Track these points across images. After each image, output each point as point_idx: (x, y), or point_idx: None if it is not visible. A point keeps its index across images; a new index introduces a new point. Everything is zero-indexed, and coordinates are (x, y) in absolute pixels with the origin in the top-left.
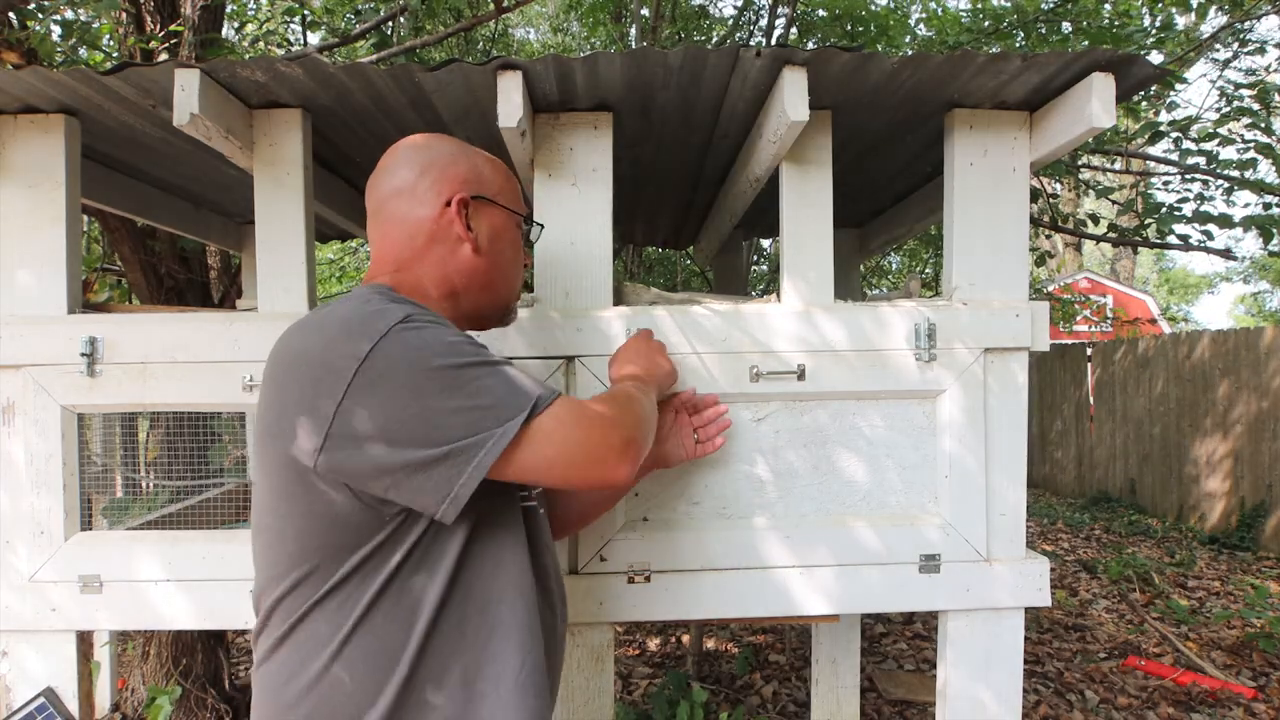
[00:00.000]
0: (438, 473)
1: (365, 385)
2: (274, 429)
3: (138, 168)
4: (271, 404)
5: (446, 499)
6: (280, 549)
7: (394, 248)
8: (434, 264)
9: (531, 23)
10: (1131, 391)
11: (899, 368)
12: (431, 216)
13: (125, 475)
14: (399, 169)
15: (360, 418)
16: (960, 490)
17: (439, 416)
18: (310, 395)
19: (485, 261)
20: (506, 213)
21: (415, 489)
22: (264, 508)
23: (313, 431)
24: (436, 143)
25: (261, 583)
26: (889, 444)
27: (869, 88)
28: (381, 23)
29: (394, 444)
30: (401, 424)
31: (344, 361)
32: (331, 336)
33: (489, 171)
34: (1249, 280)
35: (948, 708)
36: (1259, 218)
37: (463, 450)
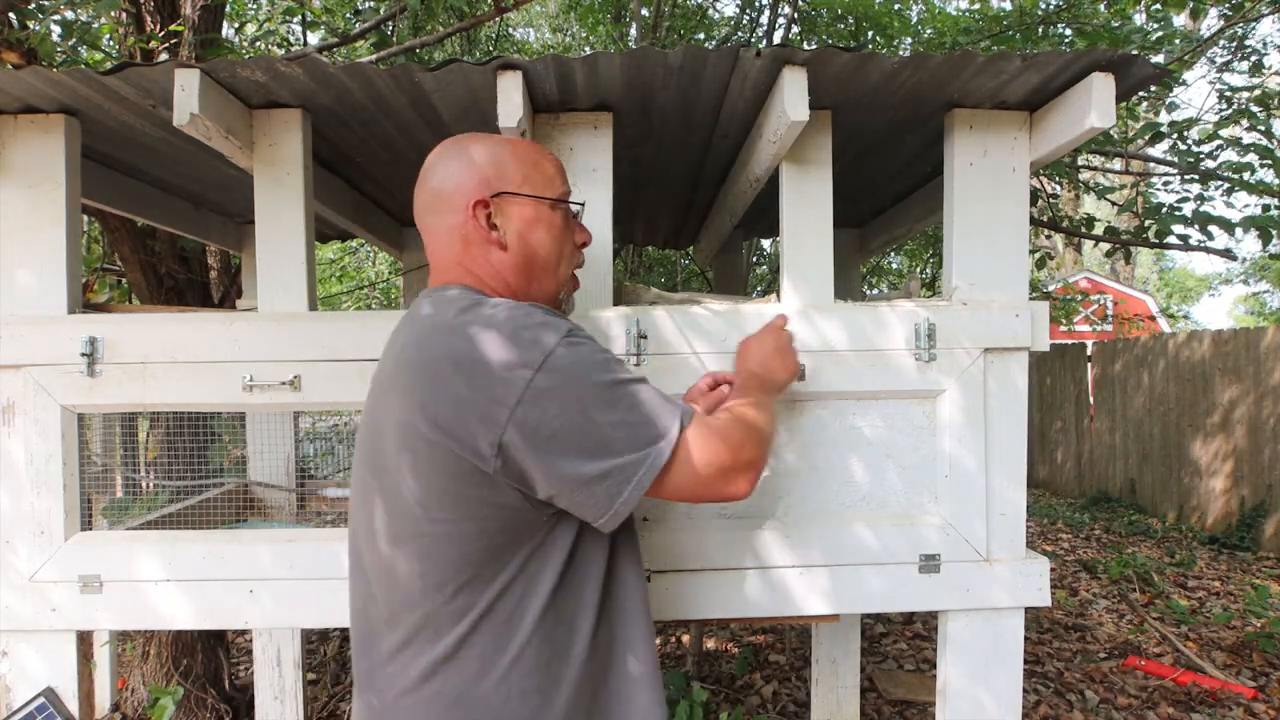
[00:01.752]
0: (601, 488)
1: (537, 395)
2: (439, 431)
3: (138, 168)
4: (431, 406)
5: (608, 514)
6: (438, 556)
7: (442, 252)
8: (479, 263)
9: (531, 23)
10: (1131, 391)
11: (899, 368)
12: (459, 223)
13: (125, 475)
14: (427, 181)
15: (531, 426)
16: (960, 490)
17: (602, 431)
18: (483, 399)
19: (518, 256)
20: (536, 200)
21: (580, 501)
22: (409, 515)
23: (488, 435)
24: (465, 143)
25: (402, 597)
26: (889, 444)
27: (869, 88)
28: (381, 23)
29: (563, 455)
30: (569, 436)
31: (518, 371)
32: (502, 343)
33: (512, 163)
34: (1249, 281)
35: (948, 708)
36: (1258, 219)
37: (625, 467)
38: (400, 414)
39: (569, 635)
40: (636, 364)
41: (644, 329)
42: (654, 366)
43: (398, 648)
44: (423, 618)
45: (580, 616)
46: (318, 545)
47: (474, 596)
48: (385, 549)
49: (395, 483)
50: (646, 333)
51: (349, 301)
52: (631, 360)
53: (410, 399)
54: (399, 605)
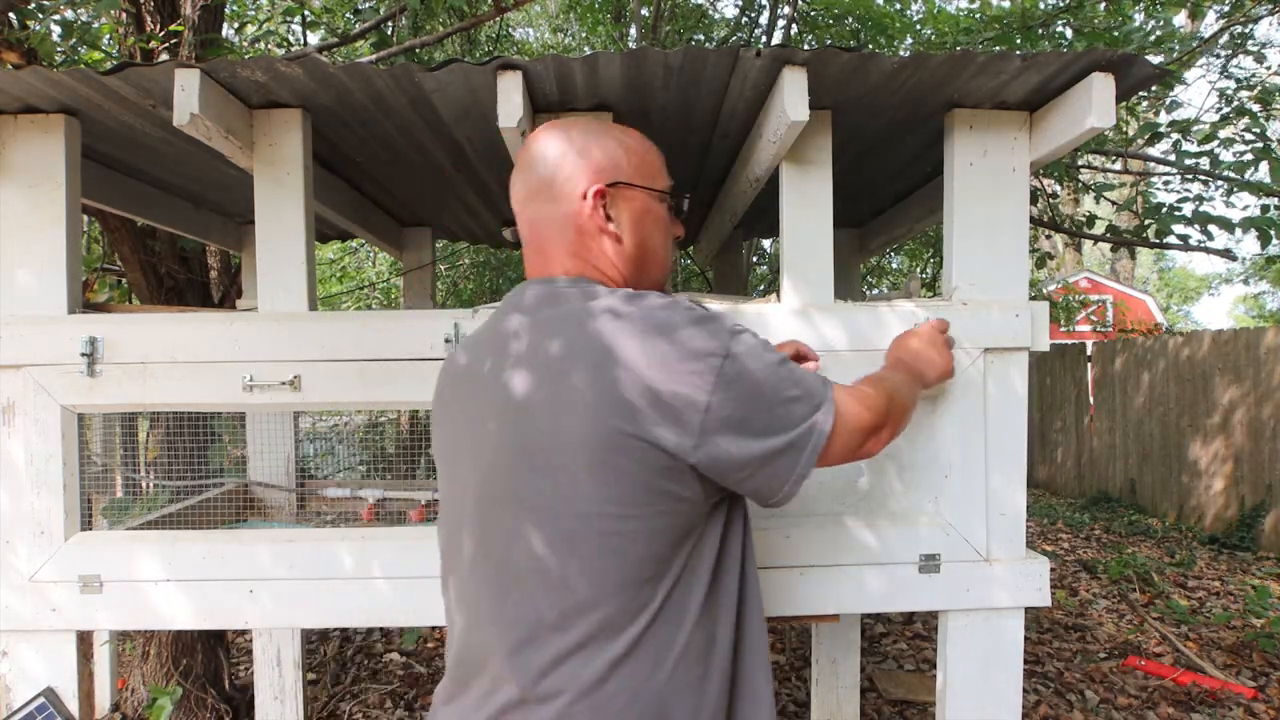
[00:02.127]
0: (784, 461)
1: (728, 382)
2: (637, 425)
3: (138, 168)
4: (625, 402)
5: (788, 483)
6: (629, 554)
7: (553, 243)
8: (594, 253)
9: (531, 23)
10: (1131, 391)
11: None
12: (573, 212)
13: (125, 475)
14: (539, 163)
15: (727, 412)
16: (960, 490)
17: (784, 406)
18: (681, 391)
19: (632, 248)
20: (646, 191)
21: (768, 476)
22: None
23: (689, 426)
24: (573, 129)
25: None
26: (889, 444)
27: (869, 88)
28: (381, 22)
29: (755, 435)
30: (758, 416)
31: (708, 360)
32: (687, 333)
33: (624, 151)
34: (1249, 281)
35: (948, 708)
36: (1258, 219)
37: (802, 436)
38: (585, 413)
39: (717, 624)
40: None
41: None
42: None
43: (569, 651)
44: (603, 617)
45: (724, 605)
46: (318, 545)
47: (653, 591)
48: (562, 553)
49: (578, 485)
50: None
51: (349, 301)
52: None
53: (598, 396)
54: (573, 609)
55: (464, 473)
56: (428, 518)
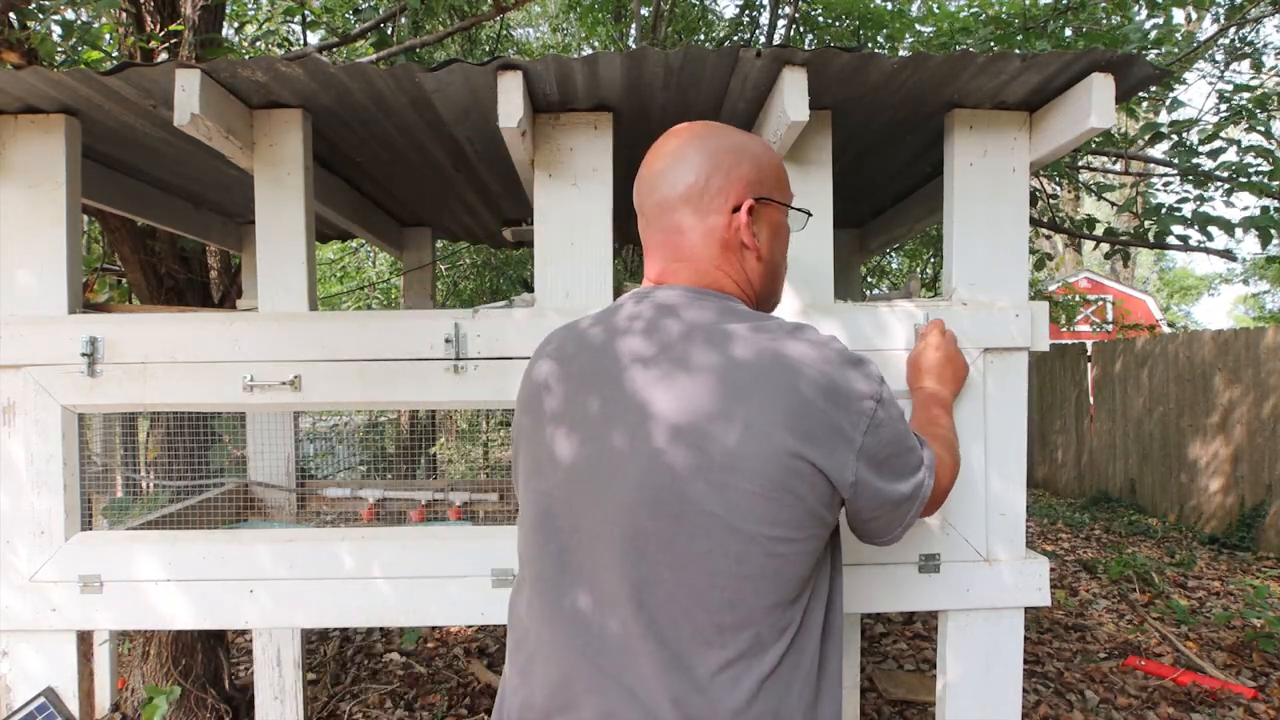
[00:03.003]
0: (905, 506)
1: (879, 424)
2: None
3: (138, 168)
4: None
5: (899, 528)
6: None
7: (692, 253)
8: (732, 269)
9: (531, 23)
10: (1131, 391)
11: (899, 368)
12: (722, 225)
13: (125, 475)
14: (683, 168)
15: (874, 452)
16: (960, 490)
17: (910, 454)
18: (847, 426)
19: (769, 265)
20: (780, 208)
21: (888, 520)
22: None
23: (850, 460)
24: (717, 136)
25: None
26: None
27: (869, 88)
28: (381, 22)
29: (890, 478)
30: (895, 461)
31: (866, 401)
32: (851, 371)
33: (766, 165)
34: (1249, 281)
35: (948, 708)
36: (1258, 219)
37: (919, 486)
38: (761, 435)
39: (827, 646)
40: None
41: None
42: None
43: (721, 667)
44: (754, 636)
45: (833, 627)
46: (318, 545)
47: (795, 612)
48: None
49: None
50: None
51: (349, 301)
52: None
53: (775, 421)
54: (731, 625)
55: (596, 482)
56: (427, 518)
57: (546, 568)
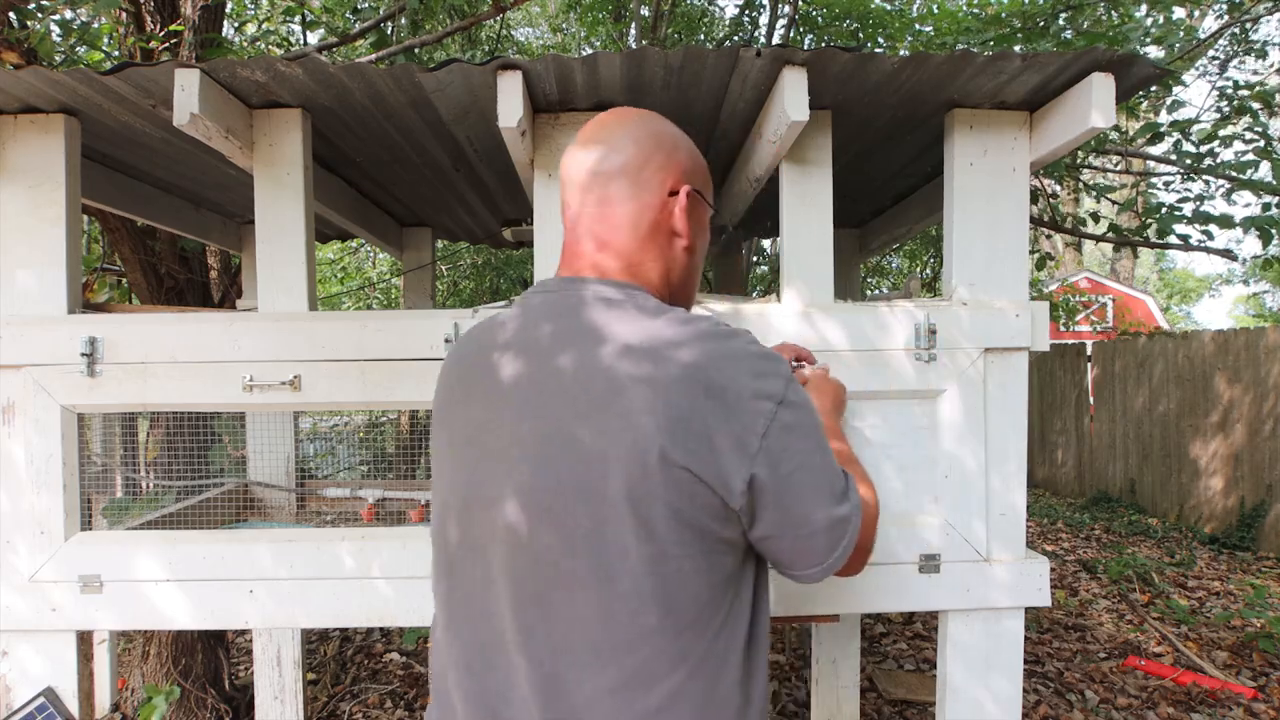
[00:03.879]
0: (825, 539)
1: (781, 430)
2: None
3: (138, 168)
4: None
5: (823, 565)
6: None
7: (616, 235)
8: (656, 257)
9: (531, 22)
10: (1131, 391)
11: (899, 368)
12: (655, 204)
13: (125, 475)
14: (623, 144)
15: (776, 461)
16: (960, 490)
17: (828, 475)
18: (737, 430)
19: (694, 259)
20: (708, 209)
21: (800, 548)
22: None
23: (740, 468)
24: (658, 121)
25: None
26: (889, 444)
27: (869, 88)
28: (381, 22)
29: (797, 497)
30: (805, 477)
31: (763, 402)
32: (747, 369)
33: (700, 163)
34: (1249, 282)
35: (948, 708)
36: (1259, 218)
37: (846, 518)
38: (632, 438)
39: (750, 677)
40: None
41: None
42: None
43: (609, 691)
44: (640, 662)
45: (757, 658)
46: (318, 545)
47: (694, 641)
48: (594, 586)
49: (616, 514)
50: None
51: (349, 301)
52: None
53: (648, 422)
54: (609, 647)
55: (479, 496)
56: (427, 518)
57: (439, 582)
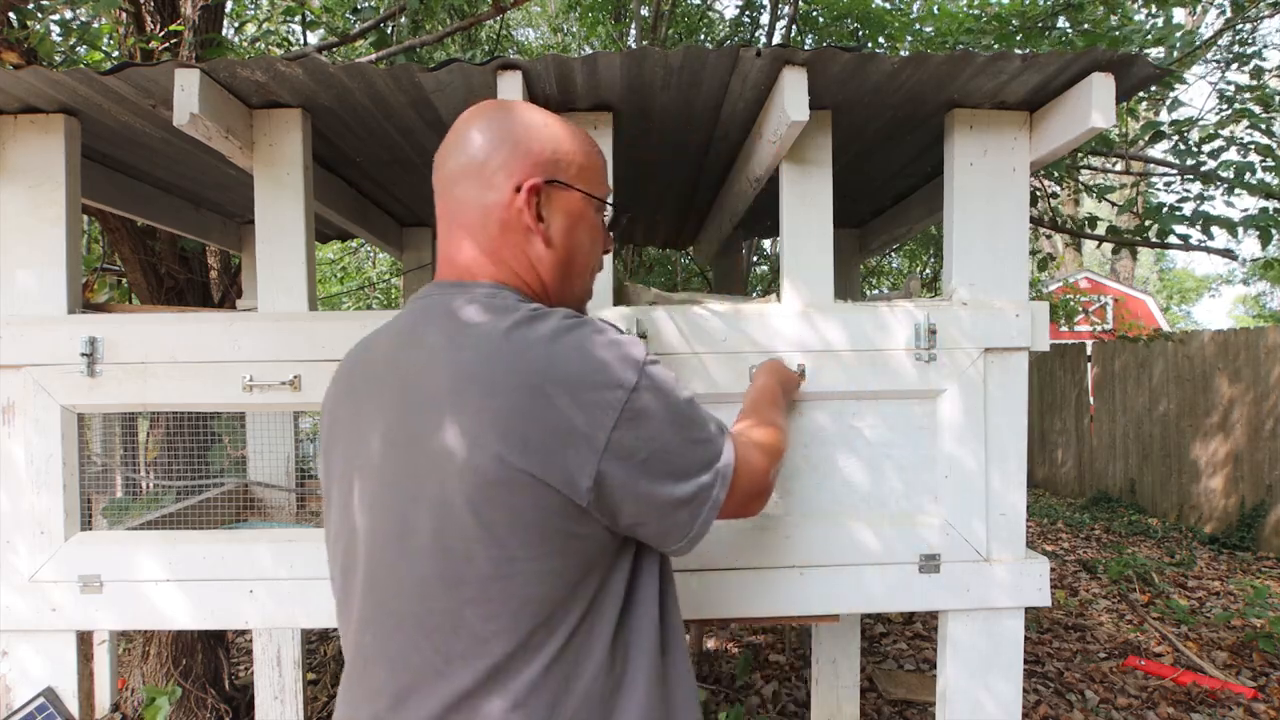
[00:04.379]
0: (686, 511)
1: (632, 418)
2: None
3: (138, 168)
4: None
5: (688, 536)
6: (519, 597)
7: (471, 235)
8: (515, 254)
9: (531, 22)
10: (1131, 391)
11: (899, 368)
12: (502, 203)
13: (125, 475)
14: (467, 144)
15: (628, 450)
16: (960, 490)
17: (689, 450)
18: (579, 424)
19: (560, 254)
20: (584, 198)
21: (665, 527)
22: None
23: (585, 464)
24: (509, 113)
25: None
26: (889, 444)
27: (869, 88)
28: (381, 22)
29: (656, 479)
30: (662, 458)
31: (612, 391)
32: (592, 360)
33: (568, 148)
34: (1249, 282)
35: (948, 707)
36: (1259, 218)
37: (706, 486)
38: (468, 442)
39: (629, 665)
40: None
41: (644, 329)
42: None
43: (457, 699)
44: (491, 666)
45: (638, 644)
46: (318, 545)
47: (548, 636)
48: (441, 593)
49: (457, 520)
50: (647, 332)
51: (349, 301)
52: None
53: (483, 424)
54: (459, 654)
55: (352, 497)
56: None
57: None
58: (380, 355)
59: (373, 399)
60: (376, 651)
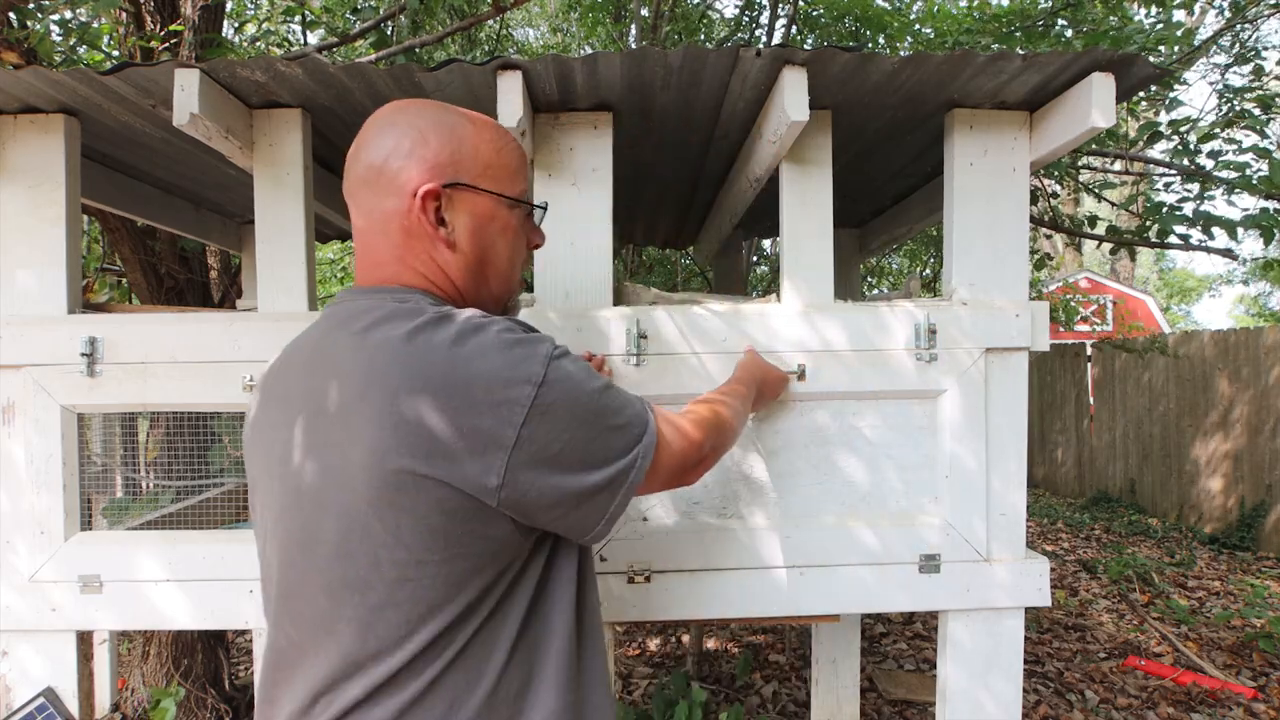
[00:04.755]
0: (602, 497)
1: (542, 412)
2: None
3: (138, 168)
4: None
5: (602, 522)
6: (424, 600)
7: (377, 242)
8: (422, 259)
9: (531, 22)
10: (1131, 391)
11: (899, 368)
12: (400, 209)
13: (125, 475)
14: (367, 148)
15: (540, 446)
16: (960, 490)
17: (602, 438)
18: (484, 426)
19: (469, 258)
20: (491, 197)
21: (582, 515)
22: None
23: (492, 465)
24: (407, 114)
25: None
26: (889, 444)
27: (869, 88)
28: (381, 22)
29: (570, 470)
30: (574, 450)
31: (519, 388)
32: (496, 360)
33: (471, 146)
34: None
35: (948, 708)
36: (1259, 218)
37: (622, 471)
38: (371, 448)
39: (539, 669)
40: (636, 364)
41: (644, 329)
42: (654, 366)
43: (355, 703)
44: (393, 668)
45: (549, 648)
46: None
47: (453, 635)
48: (349, 598)
49: (363, 526)
50: (647, 332)
51: None
52: (631, 361)
53: (385, 430)
54: (363, 657)
55: (268, 503)
56: None
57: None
58: (293, 362)
59: (284, 406)
60: (290, 656)
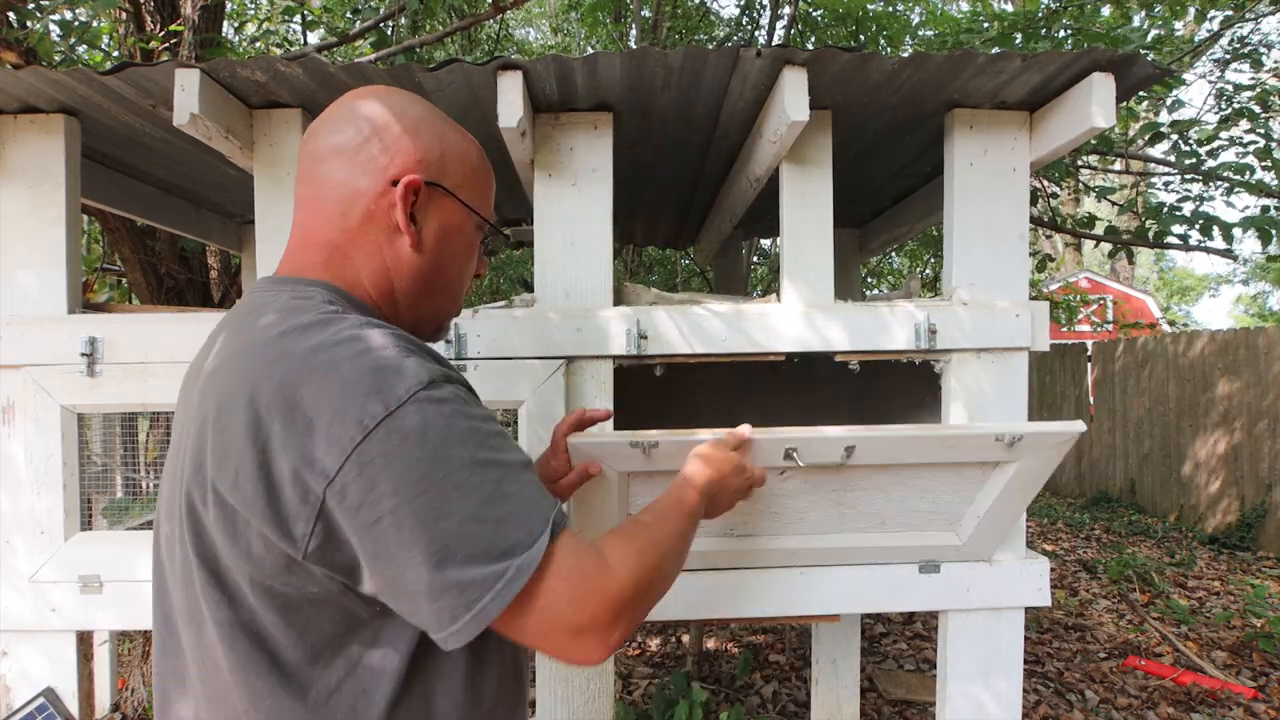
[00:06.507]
0: (437, 605)
1: (364, 465)
2: (237, 497)
3: (138, 168)
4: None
5: (444, 633)
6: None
7: (323, 222)
8: (369, 252)
9: (531, 22)
10: (1131, 391)
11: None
12: (372, 192)
13: (125, 475)
14: (344, 123)
15: (353, 504)
16: None
17: (444, 526)
18: (297, 462)
19: (426, 263)
20: (465, 211)
21: (408, 611)
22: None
23: (300, 510)
24: (399, 101)
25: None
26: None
27: (869, 88)
28: (381, 22)
29: (392, 551)
30: (403, 527)
31: (344, 427)
32: (336, 385)
33: (458, 154)
34: (1248, 282)
35: (948, 707)
36: (1258, 219)
37: (472, 584)
38: (191, 470)
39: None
40: (637, 365)
41: (644, 329)
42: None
43: None
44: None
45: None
46: None
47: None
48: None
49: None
50: (647, 333)
51: None
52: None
53: (204, 451)
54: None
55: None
56: None
57: None
58: (195, 361)
59: (182, 408)
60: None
